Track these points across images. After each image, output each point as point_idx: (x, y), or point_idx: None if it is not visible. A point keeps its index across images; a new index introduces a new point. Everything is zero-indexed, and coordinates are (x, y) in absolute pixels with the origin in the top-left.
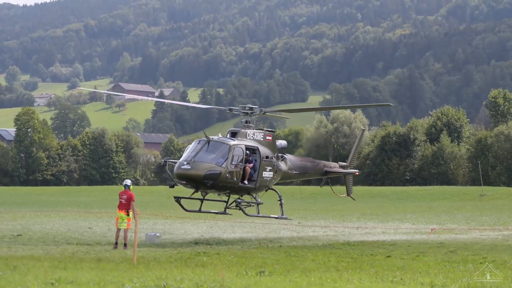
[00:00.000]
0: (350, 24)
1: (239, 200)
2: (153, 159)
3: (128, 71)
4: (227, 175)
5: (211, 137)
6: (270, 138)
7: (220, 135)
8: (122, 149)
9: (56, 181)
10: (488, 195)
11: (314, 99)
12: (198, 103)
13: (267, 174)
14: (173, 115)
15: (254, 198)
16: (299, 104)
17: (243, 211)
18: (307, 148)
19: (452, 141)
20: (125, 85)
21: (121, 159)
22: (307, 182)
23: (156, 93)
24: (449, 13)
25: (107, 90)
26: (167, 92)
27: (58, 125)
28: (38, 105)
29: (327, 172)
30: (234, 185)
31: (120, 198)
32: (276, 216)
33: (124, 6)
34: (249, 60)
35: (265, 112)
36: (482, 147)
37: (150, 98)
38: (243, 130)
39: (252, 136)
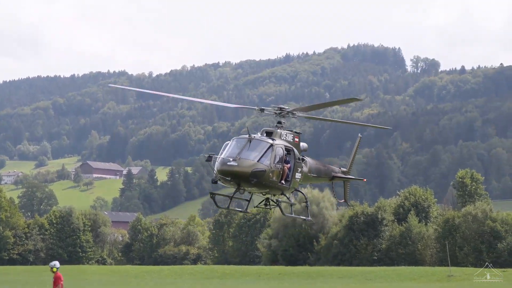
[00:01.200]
0: None
1: (279, 199)
2: (121, 238)
3: (96, 149)
4: (270, 174)
5: (252, 135)
6: (297, 139)
7: (259, 134)
8: (90, 228)
9: (23, 260)
10: (455, 275)
11: None
12: (166, 181)
13: (298, 175)
14: (141, 194)
15: (288, 198)
16: None
17: (281, 210)
18: (275, 227)
19: (419, 221)
20: (93, 164)
21: (88, 238)
22: (275, 262)
23: (124, 172)
24: (416, 93)
25: (75, 169)
26: (135, 170)
27: (25, 203)
28: (6, 183)
29: (334, 177)
30: (274, 184)
31: (61, 281)
32: (304, 217)
33: (93, 85)
34: (218, 139)
35: (297, 113)
36: (449, 227)
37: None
38: (278, 130)
39: (285, 137)
